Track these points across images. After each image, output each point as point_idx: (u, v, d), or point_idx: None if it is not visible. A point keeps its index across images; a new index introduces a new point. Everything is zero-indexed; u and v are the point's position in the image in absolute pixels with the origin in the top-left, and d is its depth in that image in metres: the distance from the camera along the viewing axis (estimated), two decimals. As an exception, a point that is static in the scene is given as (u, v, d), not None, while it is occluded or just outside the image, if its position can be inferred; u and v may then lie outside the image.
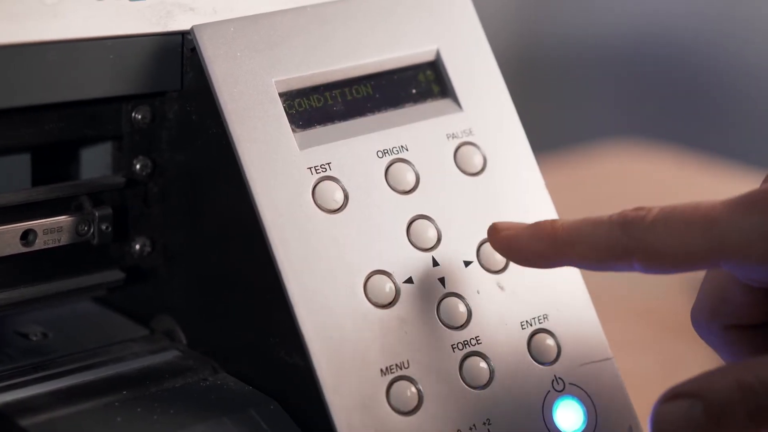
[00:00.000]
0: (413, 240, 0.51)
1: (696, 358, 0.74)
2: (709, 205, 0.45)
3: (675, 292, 0.85)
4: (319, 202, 0.50)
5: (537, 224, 0.48)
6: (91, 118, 0.53)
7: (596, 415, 0.51)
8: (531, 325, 0.52)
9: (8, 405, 0.49)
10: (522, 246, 0.48)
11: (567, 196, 0.90)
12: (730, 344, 0.48)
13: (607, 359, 0.52)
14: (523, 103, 0.58)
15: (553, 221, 0.48)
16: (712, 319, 0.49)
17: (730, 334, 0.48)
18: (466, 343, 0.50)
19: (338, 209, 0.50)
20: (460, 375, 0.50)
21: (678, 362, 0.77)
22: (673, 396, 0.44)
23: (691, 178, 1.13)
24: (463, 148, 0.53)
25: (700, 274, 0.49)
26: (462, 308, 0.51)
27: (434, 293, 0.50)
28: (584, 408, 0.51)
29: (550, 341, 0.51)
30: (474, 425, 0.49)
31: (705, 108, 1.88)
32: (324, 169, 0.50)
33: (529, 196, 0.54)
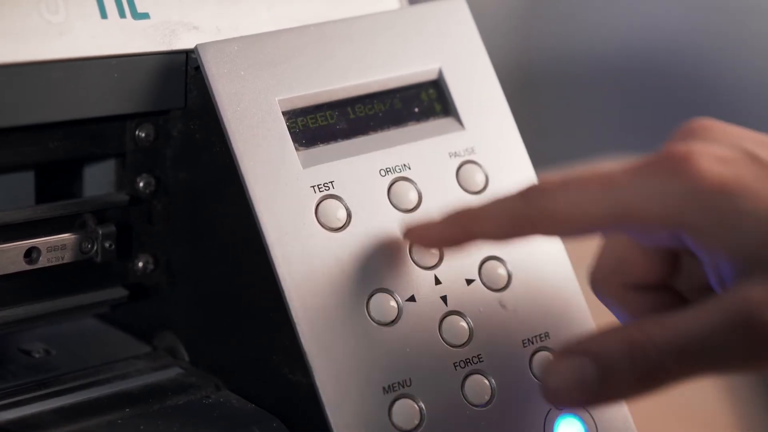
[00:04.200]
0: (416, 258, 0.51)
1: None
2: (607, 170, 0.45)
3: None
4: (322, 220, 0.50)
5: (447, 211, 0.49)
6: (95, 136, 0.53)
7: (598, 433, 0.51)
8: (533, 343, 0.52)
9: (11, 422, 0.49)
10: (435, 233, 0.49)
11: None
12: (626, 305, 0.48)
13: (608, 377, 0.52)
14: (524, 119, 0.58)
15: (462, 207, 0.48)
16: (609, 280, 0.48)
17: (627, 296, 0.48)
18: (468, 361, 0.50)
19: (341, 227, 0.50)
20: (462, 393, 0.50)
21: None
22: (565, 353, 0.44)
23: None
24: (466, 167, 0.53)
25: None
26: (464, 326, 0.51)
27: (436, 311, 0.51)
28: (585, 426, 0.51)
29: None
30: (476, 443, 0.49)
31: (706, 124, 1.87)
32: (327, 188, 0.51)
33: (531, 215, 0.54)
